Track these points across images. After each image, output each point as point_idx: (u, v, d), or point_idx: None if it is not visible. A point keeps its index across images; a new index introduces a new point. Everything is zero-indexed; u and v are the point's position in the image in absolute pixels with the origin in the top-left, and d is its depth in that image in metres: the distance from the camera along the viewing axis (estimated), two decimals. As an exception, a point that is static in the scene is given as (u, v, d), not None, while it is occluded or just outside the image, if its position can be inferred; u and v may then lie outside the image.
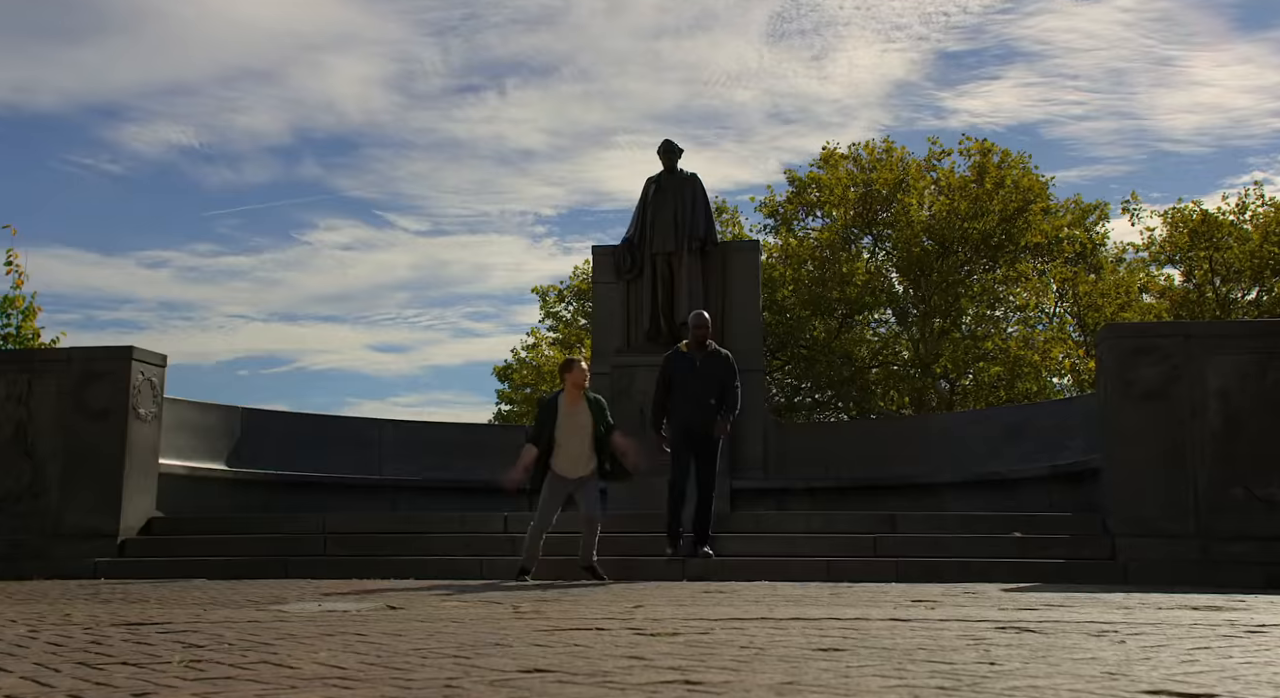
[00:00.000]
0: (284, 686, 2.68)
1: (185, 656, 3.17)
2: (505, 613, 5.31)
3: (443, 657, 3.12)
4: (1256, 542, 9.96)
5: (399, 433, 15.98)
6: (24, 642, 3.80)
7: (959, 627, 4.00)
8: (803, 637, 3.58)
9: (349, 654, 3.18)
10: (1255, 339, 10.68)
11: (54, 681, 2.83)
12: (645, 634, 3.74)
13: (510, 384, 31.54)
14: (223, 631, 4.08)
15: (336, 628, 4.14)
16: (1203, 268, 28.02)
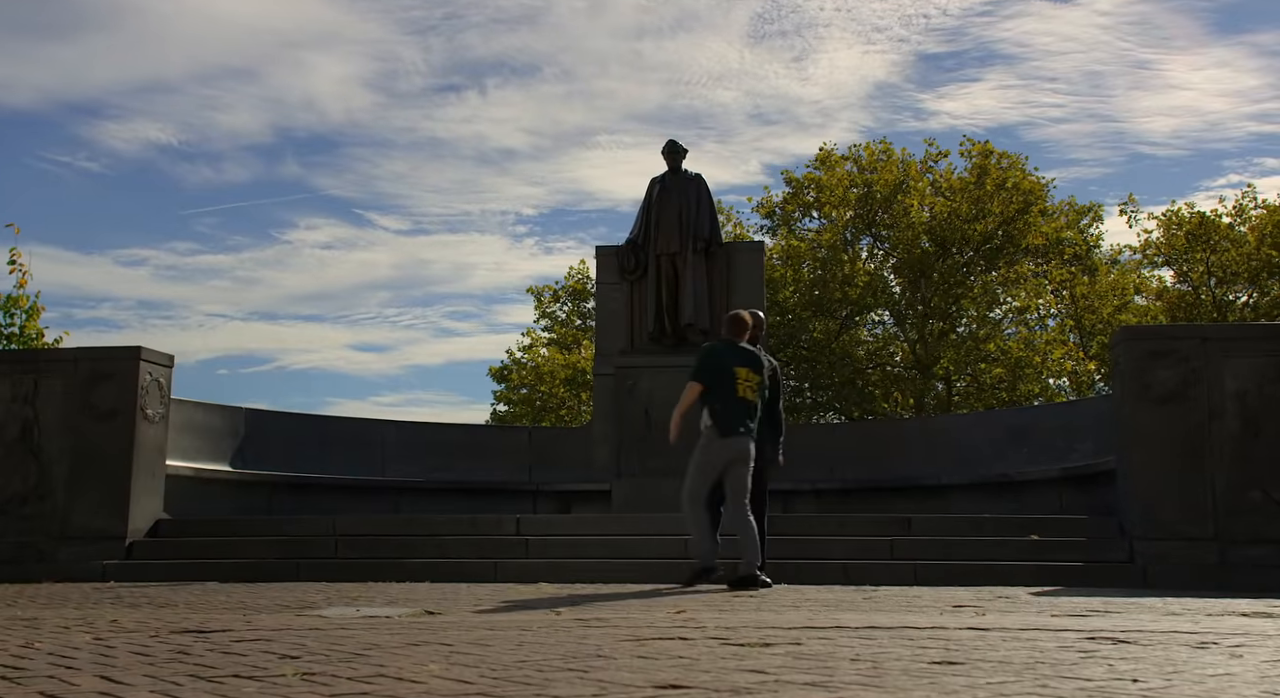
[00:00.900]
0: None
1: (294, 668, 3.09)
2: (562, 620, 5.23)
3: (558, 669, 3.04)
4: (1274, 545, 9.98)
5: (401, 434, 15.88)
6: (104, 651, 3.70)
7: (1047, 637, 3.96)
8: (901, 648, 3.52)
9: (459, 667, 3.10)
10: (1272, 341, 10.71)
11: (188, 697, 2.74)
12: (734, 644, 3.68)
13: (508, 385, 31.46)
14: (302, 639, 3.99)
15: (416, 636, 4.06)
16: (1199, 270, 28.23)
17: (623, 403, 15.30)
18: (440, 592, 8.45)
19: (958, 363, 26.98)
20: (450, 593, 8.34)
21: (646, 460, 15.15)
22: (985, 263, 28.07)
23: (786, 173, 30.39)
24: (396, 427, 16.15)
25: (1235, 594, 8.49)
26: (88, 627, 4.98)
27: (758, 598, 7.83)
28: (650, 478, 15.08)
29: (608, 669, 3.02)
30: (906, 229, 27.78)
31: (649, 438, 15.26)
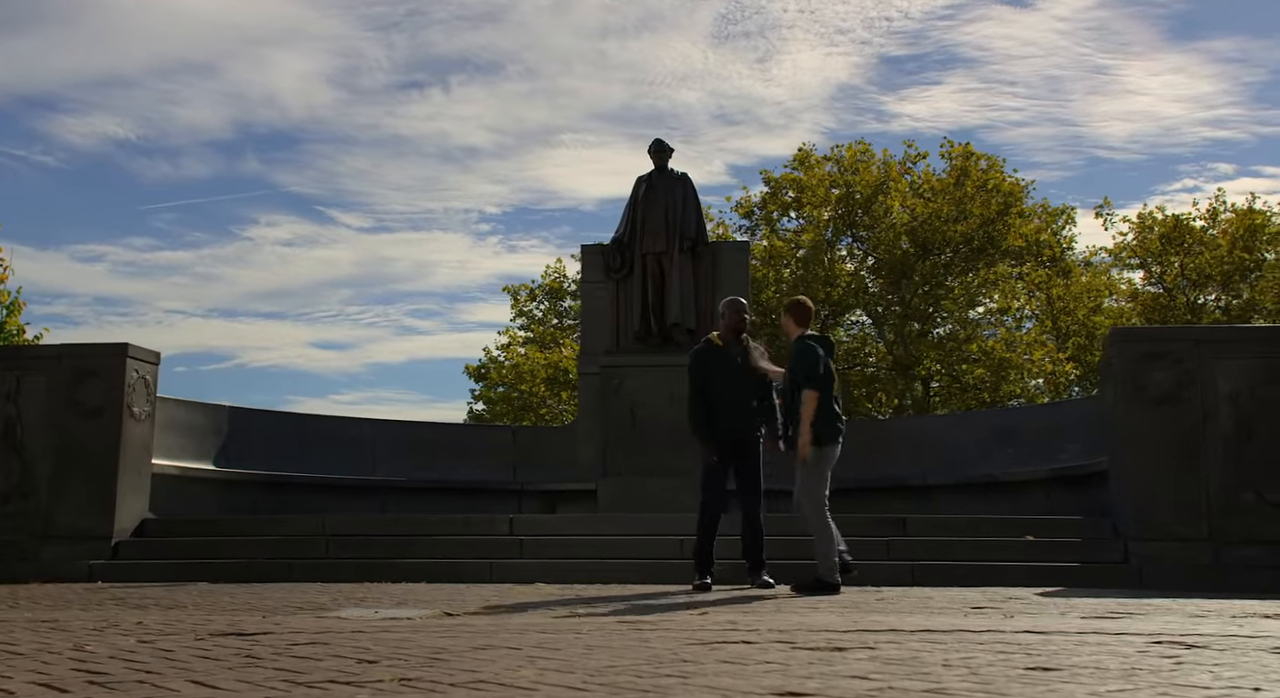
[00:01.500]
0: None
1: (389, 673, 3.01)
2: (609, 623, 5.17)
3: (658, 675, 2.98)
4: (1267, 546, 10.07)
5: (385, 433, 15.74)
6: (164, 655, 3.60)
7: (1114, 641, 3.94)
8: (978, 652, 3.48)
9: (554, 672, 3.03)
10: (1265, 344, 10.84)
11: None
12: (806, 648, 3.63)
13: (485, 384, 31.25)
14: (358, 642, 3.90)
15: (475, 640, 3.98)
16: (1173, 273, 28.59)
17: (608, 402, 15.24)
18: (444, 592, 8.37)
19: (940, 363, 27.14)
20: (454, 594, 8.26)
21: (632, 460, 15.11)
22: (965, 264, 28.24)
23: (765, 173, 30.58)
24: (380, 426, 16.01)
25: (1231, 595, 8.55)
26: (120, 630, 4.87)
27: (778, 600, 7.78)
28: (636, 477, 15.04)
29: (706, 675, 2.97)
30: (887, 230, 27.92)
31: (634, 437, 15.24)
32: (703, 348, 9.46)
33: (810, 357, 8.54)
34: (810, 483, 8.52)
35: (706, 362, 9.28)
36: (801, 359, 8.57)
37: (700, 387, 9.22)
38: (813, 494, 8.52)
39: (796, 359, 8.61)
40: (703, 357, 9.34)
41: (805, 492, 8.55)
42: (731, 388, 9.14)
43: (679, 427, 15.07)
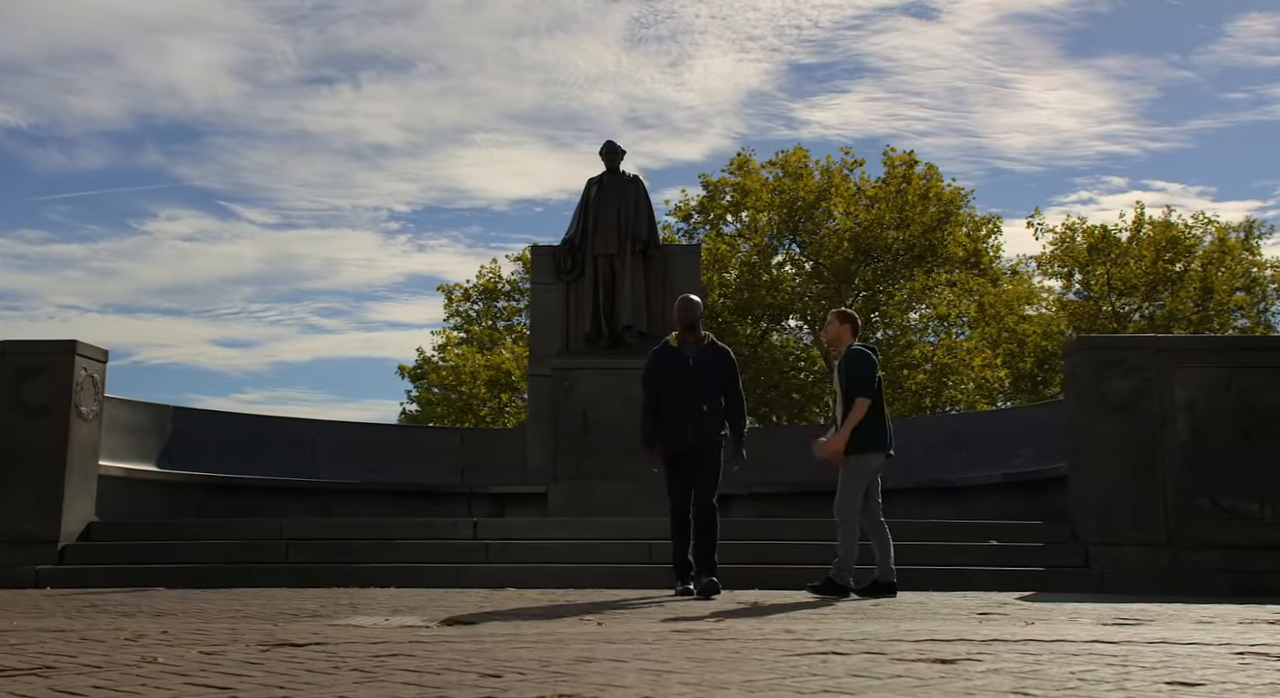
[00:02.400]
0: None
1: (541, 689, 2.90)
2: (672, 632, 5.09)
3: (809, 692, 2.93)
4: (1222, 550, 10.32)
5: (331, 435, 15.48)
6: (258, 669, 3.45)
7: (1206, 652, 3.97)
8: (1104, 667, 3.47)
9: (709, 688, 2.96)
10: (1220, 354, 11.13)
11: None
12: (917, 660, 3.59)
13: (421, 386, 30.78)
14: (450, 655, 3.78)
15: (580, 651, 3.88)
16: (1099, 282, 29.36)
17: (559, 405, 15.14)
18: (426, 598, 8.23)
19: (882, 369, 27.47)
20: (437, 599, 8.12)
21: (584, 463, 15.03)
22: (905, 271, 28.60)
23: (704, 176, 30.69)
24: (325, 427, 15.75)
25: (1189, 598, 8.75)
26: (157, 639, 4.67)
27: (817, 608, 7.72)
28: (587, 481, 14.96)
29: (868, 692, 2.92)
30: (830, 236, 28.22)
31: (586, 440, 15.15)
32: (659, 349, 9.24)
33: (870, 366, 8.83)
34: (851, 489, 8.76)
35: (662, 364, 9.09)
36: (862, 368, 8.80)
37: (654, 391, 9.06)
38: (849, 500, 8.74)
39: (855, 367, 8.80)
40: (659, 358, 9.15)
41: (844, 496, 8.78)
42: (681, 390, 8.93)
43: (631, 430, 15.06)
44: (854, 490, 8.74)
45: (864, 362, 8.85)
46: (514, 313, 33.48)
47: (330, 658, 3.76)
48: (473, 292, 33.08)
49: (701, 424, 8.93)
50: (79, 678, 3.37)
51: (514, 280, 33.53)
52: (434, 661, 3.61)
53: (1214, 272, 29.41)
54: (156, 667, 3.55)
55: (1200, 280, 29.26)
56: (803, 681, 3.10)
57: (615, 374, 15.20)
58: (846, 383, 8.87)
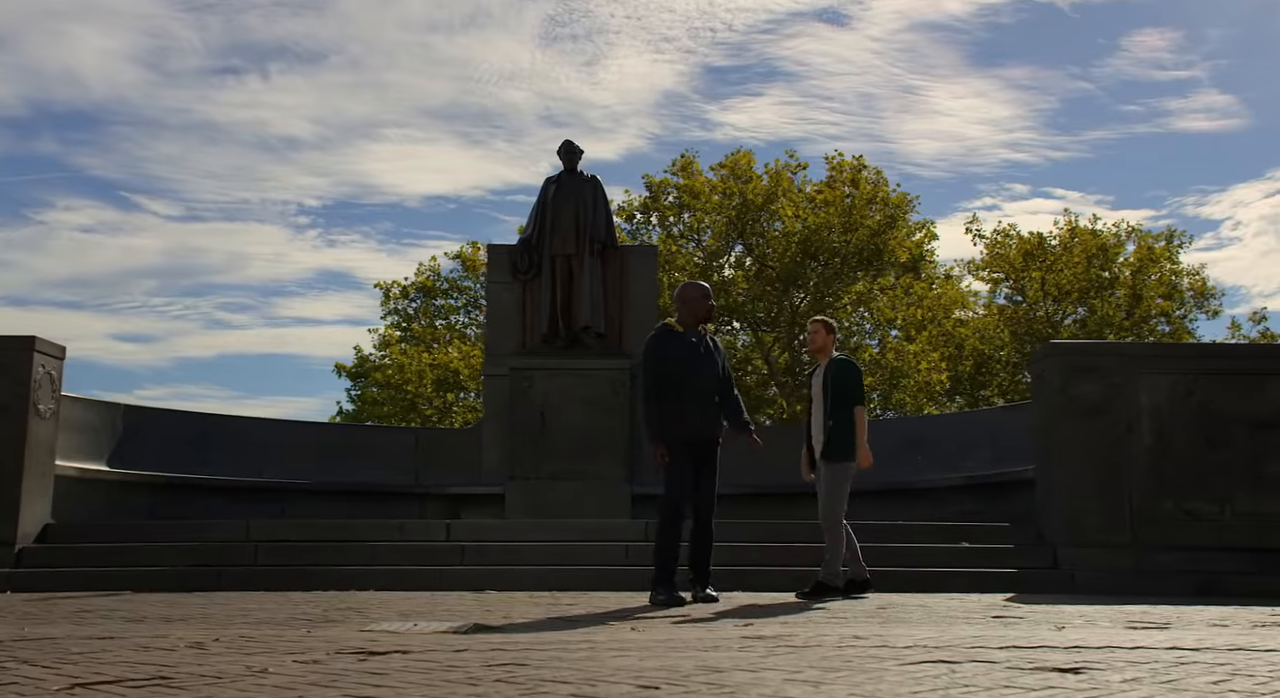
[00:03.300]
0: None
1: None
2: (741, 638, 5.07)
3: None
4: (1185, 552, 10.61)
5: (282, 434, 15.16)
6: (373, 674, 3.35)
7: (1230, 657, 4.08)
8: (1236, 677, 3.53)
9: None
10: (1183, 361, 11.45)
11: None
12: (1030, 668, 3.61)
13: (361, 385, 30.20)
14: (566, 665, 3.71)
15: (661, 661, 3.84)
16: (1034, 287, 30.06)
17: (517, 405, 15.04)
18: (419, 602, 8.09)
19: None
20: (442, 603, 8.01)
21: (540, 464, 14.95)
22: (852, 274, 28.85)
23: (647, 176, 30.70)
24: (277, 426, 15.45)
25: (1157, 599, 8.95)
26: (206, 647, 4.53)
27: (824, 610, 7.75)
28: (544, 481, 14.88)
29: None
30: (780, 238, 28.40)
31: (543, 441, 15.06)
32: (661, 334, 8.64)
33: (860, 376, 9.24)
34: (838, 494, 8.86)
35: (666, 348, 8.50)
36: (855, 378, 9.14)
37: (658, 376, 8.42)
38: (839, 505, 8.85)
39: (847, 378, 9.05)
40: (662, 343, 8.53)
41: (832, 502, 8.84)
42: (697, 377, 8.47)
43: (589, 431, 15.09)
44: (841, 495, 8.90)
45: (856, 372, 9.24)
46: (452, 311, 33.22)
47: (442, 667, 3.67)
48: (410, 289, 32.77)
49: (713, 415, 8.65)
50: (216, 689, 3.26)
51: (452, 278, 33.35)
52: (560, 670, 3.55)
53: (1141, 279, 30.41)
54: (279, 677, 3.44)
55: (1129, 287, 30.21)
56: (970, 693, 3.10)
57: (573, 375, 15.15)
58: (837, 392, 8.98)
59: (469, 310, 33.18)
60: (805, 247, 28.17)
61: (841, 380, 9.00)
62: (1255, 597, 9.25)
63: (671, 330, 8.67)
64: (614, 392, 15.17)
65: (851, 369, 9.20)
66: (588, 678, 3.41)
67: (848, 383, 9.01)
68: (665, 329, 8.71)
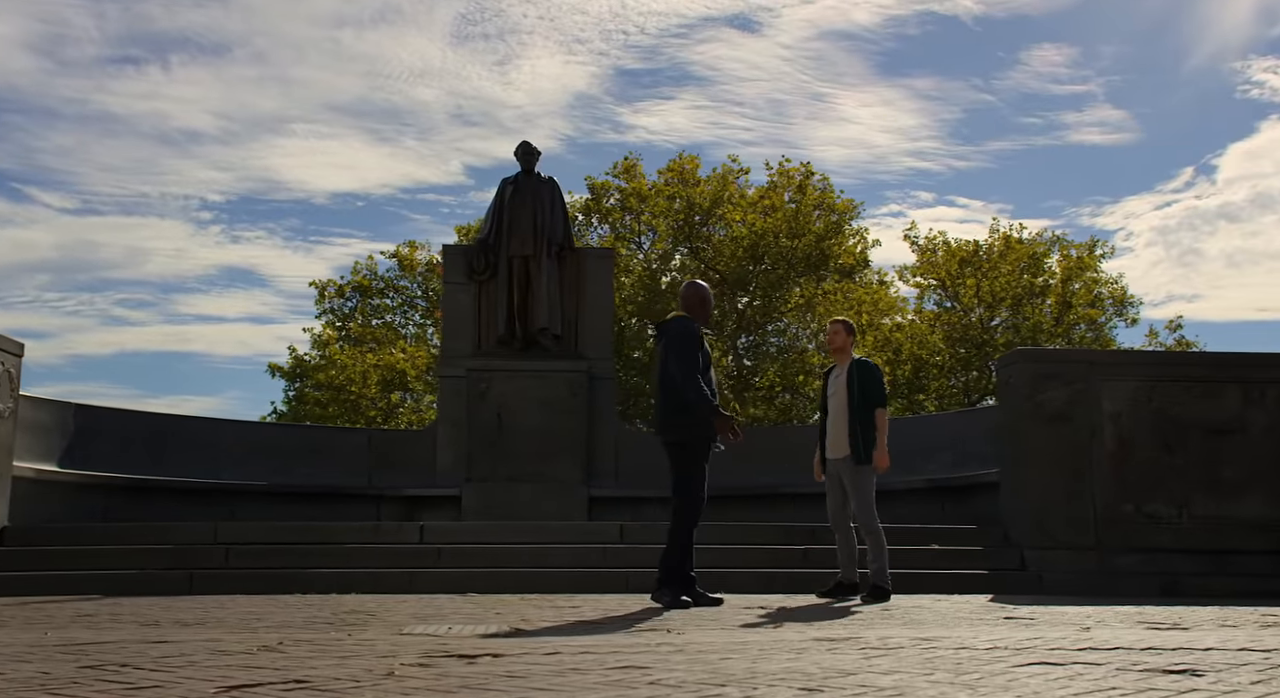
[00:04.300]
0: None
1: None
2: (798, 637, 5.11)
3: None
4: (1146, 554, 10.94)
5: (235, 434, 14.87)
6: (514, 684, 3.31)
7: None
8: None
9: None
10: (1143, 368, 11.80)
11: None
12: (1161, 670, 3.67)
13: (300, 386, 29.55)
14: (680, 667, 3.71)
15: (776, 665, 3.86)
16: (969, 293, 30.66)
17: (474, 407, 14.93)
18: (442, 606, 8.01)
19: (780, 376, 27.94)
20: (444, 605, 7.93)
21: (497, 466, 14.86)
22: (798, 278, 29.04)
23: (589, 178, 30.63)
24: (231, 426, 15.13)
25: (1123, 600, 9.21)
26: (279, 651, 4.44)
27: (845, 613, 7.82)
28: (501, 483, 14.79)
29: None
30: (728, 243, 28.50)
31: (500, 443, 14.97)
32: (694, 326, 8.50)
33: (881, 378, 9.30)
34: (869, 496, 9.04)
35: (700, 341, 8.48)
36: (879, 381, 9.22)
37: (696, 364, 8.31)
38: (872, 506, 9.04)
39: (871, 380, 9.14)
40: (698, 334, 8.46)
41: (868, 505, 9.03)
42: (708, 376, 8.48)
43: (547, 433, 15.04)
44: (870, 498, 9.04)
45: (879, 373, 9.34)
46: (388, 310, 32.80)
47: (566, 669, 3.66)
48: (346, 289, 32.31)
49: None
50: (363, 692, 3.20)
51: (389, 278, 32.89)
52: (676, 672, 3.55)
53: (1070, 287, 31.26)
54: (415, 680, 3.39)
55: (1059, 295, 31.01)
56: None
57: (531, 377, 15.10)
58: (863, 393, 9.07)
59: (405, 311, 32.90)
60: (752, 251, 28.39)
61: (866, 382, 9.09)
62: (1213, 597, 9.56)
63: (694, 322, 8.57)
64: (572, 394, 15.15)
65: (875, 371, 9.30)
66: (725, 680, 3.42)
67: (871, 385, 9.10)
68: (694, 322, 8.57)
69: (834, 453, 9.21)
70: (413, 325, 32.69)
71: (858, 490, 9.00)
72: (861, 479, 8.99)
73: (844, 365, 9.28)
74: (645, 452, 15.93)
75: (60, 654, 4.28)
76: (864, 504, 9.01)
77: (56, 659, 4.12)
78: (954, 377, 30.38)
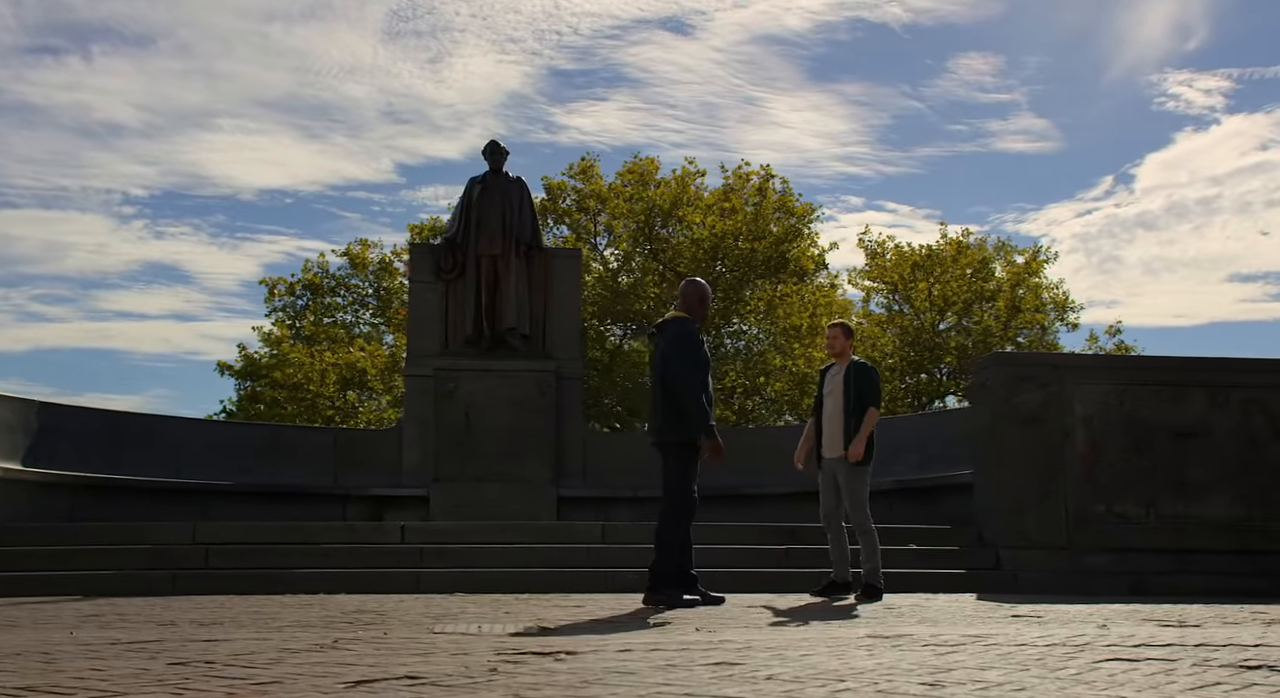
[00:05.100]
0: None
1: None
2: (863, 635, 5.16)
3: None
4: (1116, 553, 11.20)
5: (198, 433, 14.68)
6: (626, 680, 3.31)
7: None
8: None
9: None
10: (1114, 372, 12.06)
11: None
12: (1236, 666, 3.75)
13: (251, 386, 28.95)
14: (775, 667, 3.73)
15: (863, 662, 3.91)
16: (922, 297, 31.07)
17: (441, 406, 14.85)
18: (448, 607, 7.97)
19: (744, 376, 28.07)
20: (426, 606, 7.90)
21: (465, 465, 14.80)
22: (758, 280, 29.18)
23: (545, 178, 30.50)
24: (194, 425, 14.91)
25: (1095, 598, 9.44)
26: (347, 650, 4.41)
27: (851, 611, 7.89)
28: (469, 483, 14.73)
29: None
30: (689, 246, 28.57)
31: (468, 442, 14.90)
32: (694, 326, 8.54)
33: (878, 381, 9.40)
34: (862, 496, 9.11)
35: (701, 342, 8.55)
36: (876, 382, 9.33)
37: (699, 368, 8.36)
38: (865, 506, 9.12)
39: (868, 383, 9.22)
40: (698, 336, 8.52)
41: (860, 503, 9.10)
42: (708, 376, 8.52)
43: (515, 432, 15.00)
44: (864, 497, 9.11)
45: (876, 376, 9.45)
46: (338, 309, 32.42)
47: (665, 666, 3.67)
48: (296, 286, 31.89)
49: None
50: (482, 690, 3.20)
51: (339, 276, 32.51)
52: (778, 667, 3.58)
53: (1019, 292, 31.85)
54: (528, 678, 3.39)
55: (1009, 299, 31.58)
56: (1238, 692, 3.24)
57: (499, 376, 15.06)
58: (859, 395, 9.16)
59: (356, 310, 32.55)
60: (712, 253, 28.49)
61: (863, 384, 9.19)
62: (1181, 596, 9.82)
63: (694, 322, 8.60)
64: (540, 393, 15.13)
65: (873, 373, 9.43)
66: (851, 674, 3.46)
67: (867, 387, 9.20)
68: (694, 323, 8.59)
69: (830, 452, 9.29)
70: (364, 324, 32.40)
71: (852, 490, 9.09)
72: (856, 479, 9.07)
73: (842, 366, 9.38)
74: (612, 452, 16.05)
75: (129, 653, 4.21)
76: (858, 504, 9.10)
77: (130, 657, 4.06)
78: (904, 378, 30.80)
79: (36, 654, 4.17)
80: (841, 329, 9.63)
